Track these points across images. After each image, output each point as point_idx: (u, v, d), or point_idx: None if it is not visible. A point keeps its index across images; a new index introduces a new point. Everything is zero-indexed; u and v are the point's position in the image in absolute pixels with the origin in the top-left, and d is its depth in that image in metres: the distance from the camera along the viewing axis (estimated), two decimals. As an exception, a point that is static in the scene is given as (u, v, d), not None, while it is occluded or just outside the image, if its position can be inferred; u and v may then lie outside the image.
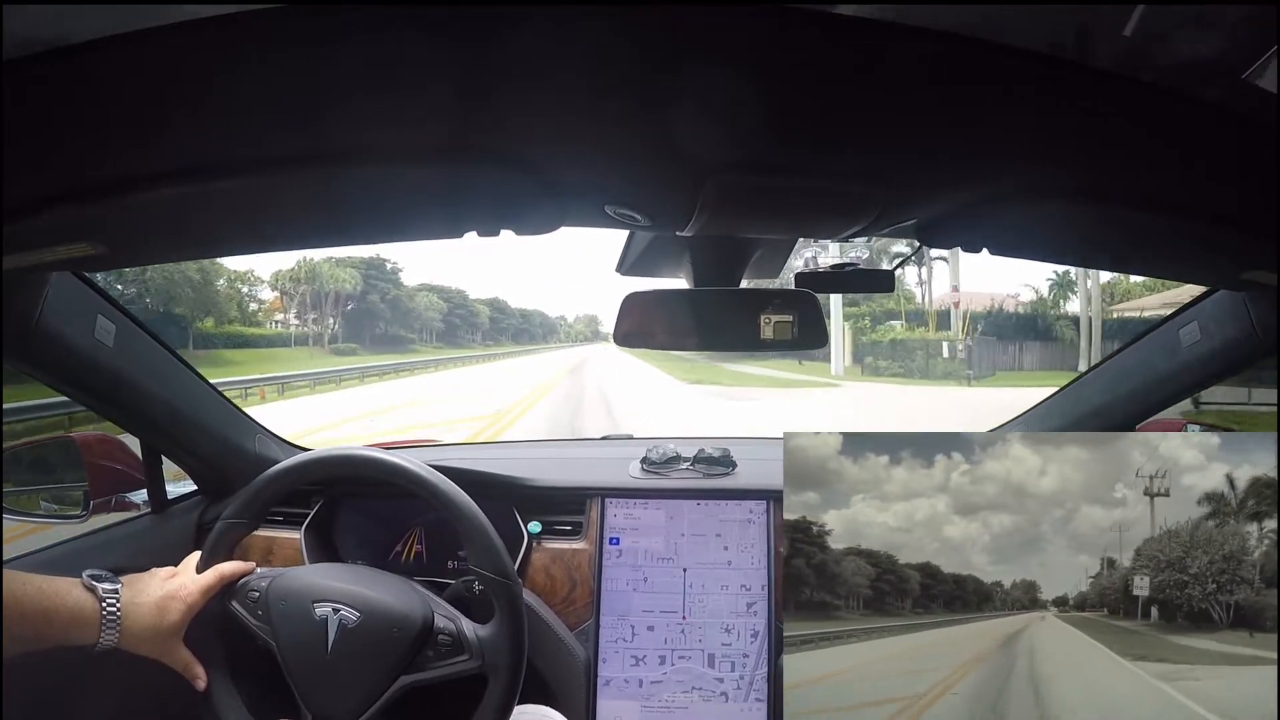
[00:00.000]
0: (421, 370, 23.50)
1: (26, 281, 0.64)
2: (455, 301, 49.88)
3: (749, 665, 0.96)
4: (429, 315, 44.89)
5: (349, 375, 18.29)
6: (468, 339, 51.85)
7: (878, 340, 20.71)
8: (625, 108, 0.38)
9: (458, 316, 50.09)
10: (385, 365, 22.52)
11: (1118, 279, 20.61)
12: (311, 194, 0.48)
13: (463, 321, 51.28)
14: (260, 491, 0.83)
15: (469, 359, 30.73)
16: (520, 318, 72.43)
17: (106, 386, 0.79)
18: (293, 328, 33.50)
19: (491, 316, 60.52)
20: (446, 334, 48.67)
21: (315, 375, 17.08)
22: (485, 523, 0.80)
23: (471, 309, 53.76)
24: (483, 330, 56.41)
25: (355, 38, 0.31)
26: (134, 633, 0.72)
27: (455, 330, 49.88)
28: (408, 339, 41.21)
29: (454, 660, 0.77)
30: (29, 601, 0.66)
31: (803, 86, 0.36)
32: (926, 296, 24.54)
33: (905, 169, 0.46)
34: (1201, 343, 0.80)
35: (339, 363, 23.67)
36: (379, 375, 19.95)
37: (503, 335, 63.58)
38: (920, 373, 18.97)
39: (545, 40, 0.32)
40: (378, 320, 37.97)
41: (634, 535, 1.01)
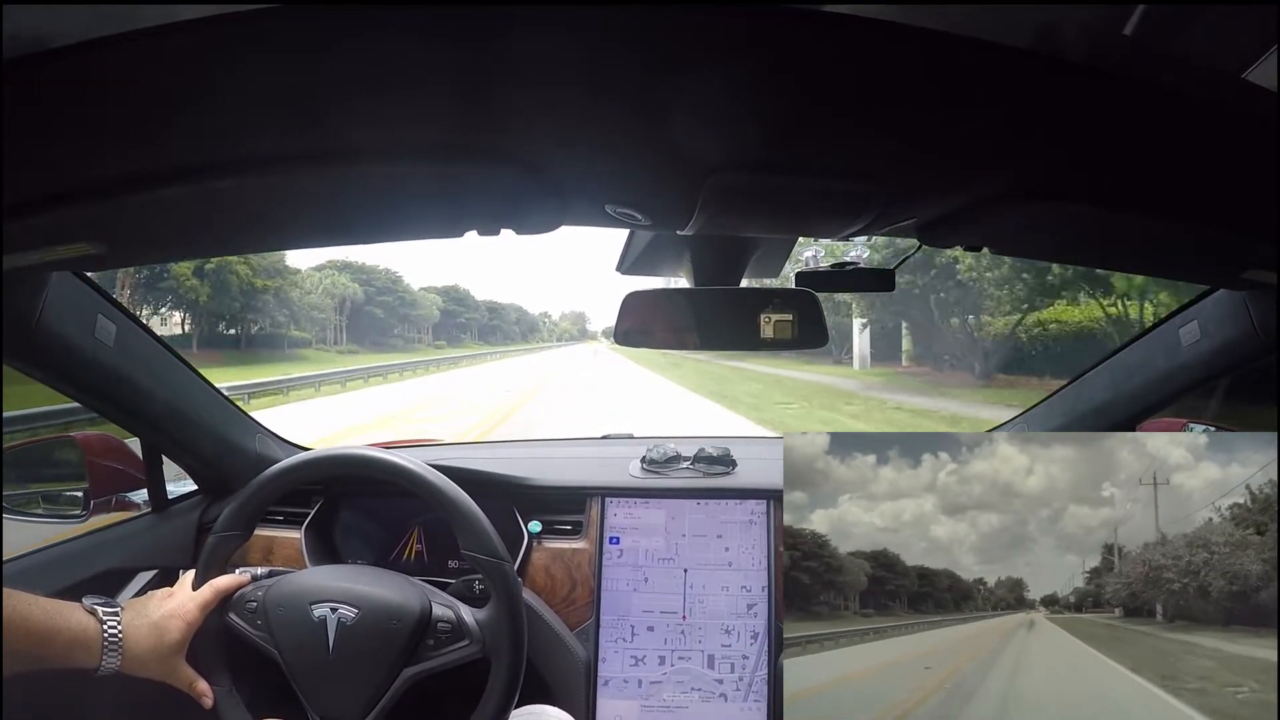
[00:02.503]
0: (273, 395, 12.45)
1: (26, 281, 0.64)
2: (380, 286, 37.31)
3: (748, 667, 0.96)
4: (323, 307, 30.63)
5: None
6: (402, 338, 39.09)
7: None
8: (625, 107, 0.38)
9: (382, 305, 36.82)
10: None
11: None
12: (311, 194, 0.48)
13: (392, 313, 38.15)
14: (251, 499, 0.83)
15: (386, 371, 19.17)
16: (488, 312, 62.13)
17: (106, 386, 0.79)
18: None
19: (446, 309, 49.06)
20: (363, 330, 34.99)
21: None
22: (473, 507, 0.80)
23: (407, 297, 40.19)
24: (431, 326, 45.09)
25: (355, 37, 0.31)
26: (136, 655, 0.72)
27: (376, 326, 36.70)
28: (296, 339, 27.32)
29: (455, 647, 0.77)
30: (32, 620, 0.66)
31: (803, 86, 0.36)
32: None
33: (905, 168, 0.46)
34: (1202, 342, 0.80)
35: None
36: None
37: (464, 333, 53.16)
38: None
39: (545, 39, 0.32)
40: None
41: (634, 535, 1.01)
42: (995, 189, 0.49)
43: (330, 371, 16.85)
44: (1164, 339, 0.86)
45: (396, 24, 0.30)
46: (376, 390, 15.43)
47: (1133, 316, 10.26)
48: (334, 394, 14.18)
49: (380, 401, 12.57)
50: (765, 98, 0.37)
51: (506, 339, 65.47)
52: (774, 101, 0.37)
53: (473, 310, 56.55)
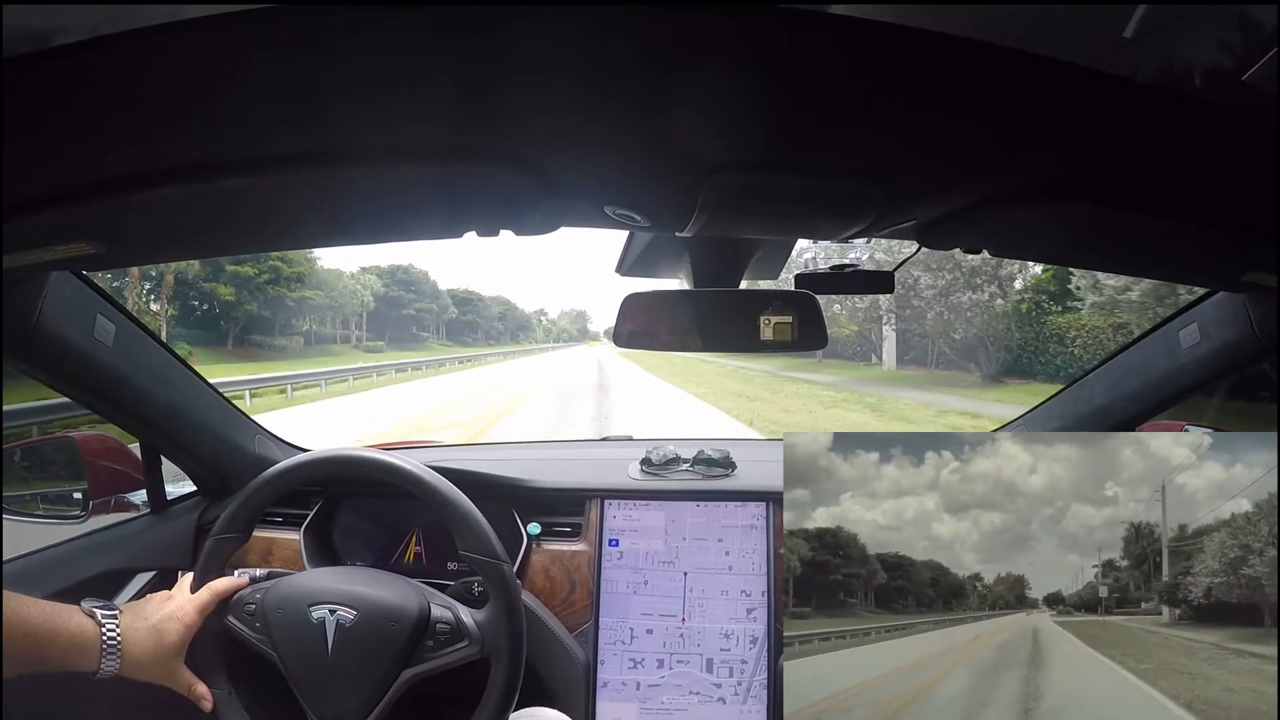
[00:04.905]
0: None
1: (26, 281, 0.64)
2: (281, 274, 25.99)
3: (747, 671, 0.95)
4: (220, 298, 22.84)
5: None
6: (325, 334, 28.11)
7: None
8: (625, 107, 0.38)
9: (290, 296, 24.65)
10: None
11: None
12: (311, 193, 0.48)
13: (297, 305, 25.54)
14: (249, 500, 0.82)
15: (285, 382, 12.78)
16: (462, 304, 48.97)
17: (105, 386, 0.79)
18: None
19: (389, 295, 34.95)
20: (271, 324, 25.29)
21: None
22: (472, 508, 0.80)
23: (330, 283, 28.63)
24: (365, 315, 32.07)
25: (355, 37, 0.31)
26: (135, 658, 0.72)
27: (287, 320, 25.28)
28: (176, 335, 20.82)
29: (454, 648, 0.77)
30: (31, 623, 0.66)
31: (802, 87, 0.36)
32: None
33: (905, 169, 0.46)
34: (1201, 344, 0.80)
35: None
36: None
37: (425, 330, 41.00)
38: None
39: (545, 40, 0.32)
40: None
41: (633, 537, 1.00)
42: (995, 190, 0.49)
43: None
44: (1164, 341, 0.86)
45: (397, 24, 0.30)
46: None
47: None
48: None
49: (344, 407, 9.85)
50: (765, 99, 0.37)
51: (490, 339, 52.40)
52: (774, 102, 0.37)
53: (431, 299, 42.73)
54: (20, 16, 0.28)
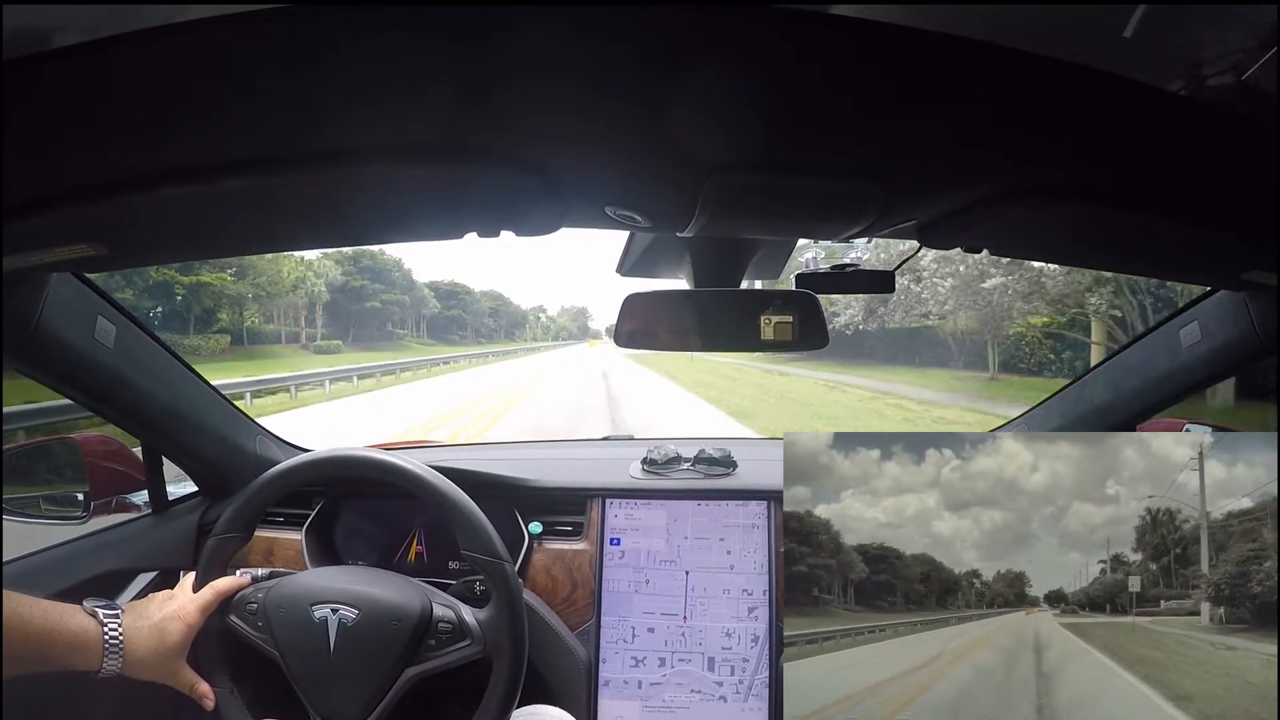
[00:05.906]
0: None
1: (26, 282, 0.64)
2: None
3: (749, 670, 0.96)
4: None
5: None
6: (265, 332, 24.45)
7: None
8: (626, 108, 0.38)
9: (213, 285, 21.53)
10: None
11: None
12: (312, 195, 0.48)
13: (235, 297, 22.24)
14: (251, 500, 0.82)
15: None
16: (447, 298, 44.40)
17: (106, 388, 0.79)
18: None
19: (354, 287, 29.53)
20: (184, 321, 22.07)
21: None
22: (473, 508, 0.80)
23: (262, 269, 24.09)
24: (319, 308, 26.61)
25: (356, 38, 0.31)
26: (137, 657, 0.72)
27: (208, 315, 21.95)
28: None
29: (456, 647, 0.77)
30: (33, 623, 0.66)
31: (802, 87, 0.36)
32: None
33: (905, 169, 0.46)
34: (1202, 343, 0.80)
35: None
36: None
37: (402, 326, 37.01)
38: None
39: (545, 40, 0.32)
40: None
41: (635, 536, 1.01)
42: (995, 189, 0.49)
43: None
44: (1164, 340, 0.86)
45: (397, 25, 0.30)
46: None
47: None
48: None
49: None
50: (765, 99, 0.37)
51: (482, 336, 47.58)
52: (774, 102, 0.37)
53: (403, 290, 36.71)
54: (20, 17, 0.28)
